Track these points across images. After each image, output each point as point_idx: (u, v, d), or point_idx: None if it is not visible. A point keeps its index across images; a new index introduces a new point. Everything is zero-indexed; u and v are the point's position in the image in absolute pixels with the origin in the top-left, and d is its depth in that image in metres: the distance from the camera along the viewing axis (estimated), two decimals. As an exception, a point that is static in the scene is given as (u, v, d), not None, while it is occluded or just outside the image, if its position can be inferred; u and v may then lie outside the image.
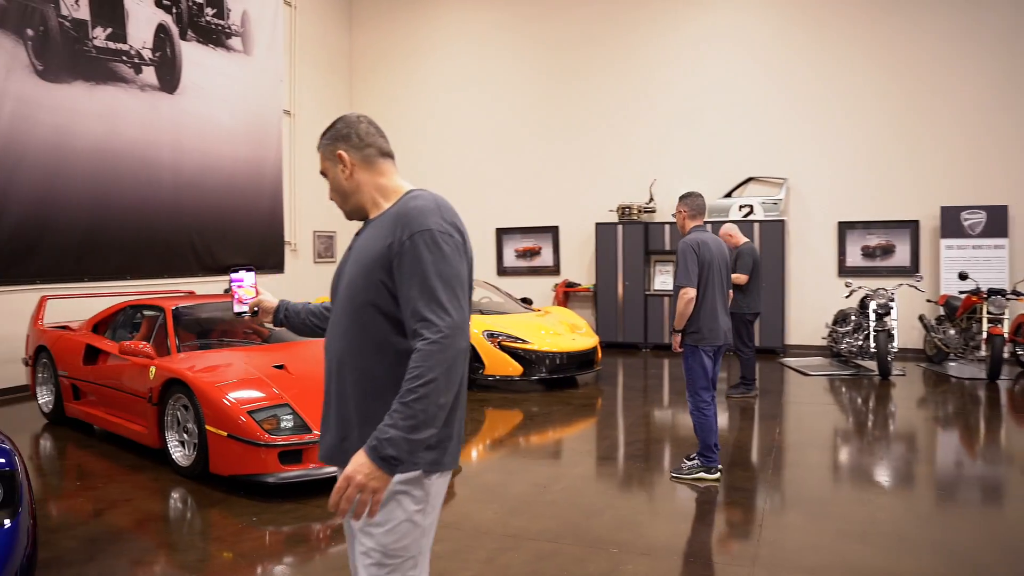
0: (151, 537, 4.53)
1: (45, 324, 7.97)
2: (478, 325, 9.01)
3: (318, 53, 13.89)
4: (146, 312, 7.12)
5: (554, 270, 12.92)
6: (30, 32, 9.00)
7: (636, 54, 12.47)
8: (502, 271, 13.32)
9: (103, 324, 7.41)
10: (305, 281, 13.44)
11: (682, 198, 5.59)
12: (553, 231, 12.97)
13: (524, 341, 8.85)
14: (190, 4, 11.06)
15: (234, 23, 11.81)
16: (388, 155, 2.27)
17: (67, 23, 9.39)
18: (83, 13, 9.56)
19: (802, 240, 11.69)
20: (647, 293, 12.06)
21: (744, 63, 11.87)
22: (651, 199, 12.23)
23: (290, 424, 5.21)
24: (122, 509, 4.96)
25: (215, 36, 11.50)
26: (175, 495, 5.30)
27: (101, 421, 6.74)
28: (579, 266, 12.81)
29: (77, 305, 8.54)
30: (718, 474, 5.36)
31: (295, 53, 13.27)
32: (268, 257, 12.67)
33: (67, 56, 9.40)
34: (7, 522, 3.12)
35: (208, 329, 7.02)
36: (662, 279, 12.20)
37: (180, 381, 5.63)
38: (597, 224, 12.38)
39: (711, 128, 12.10)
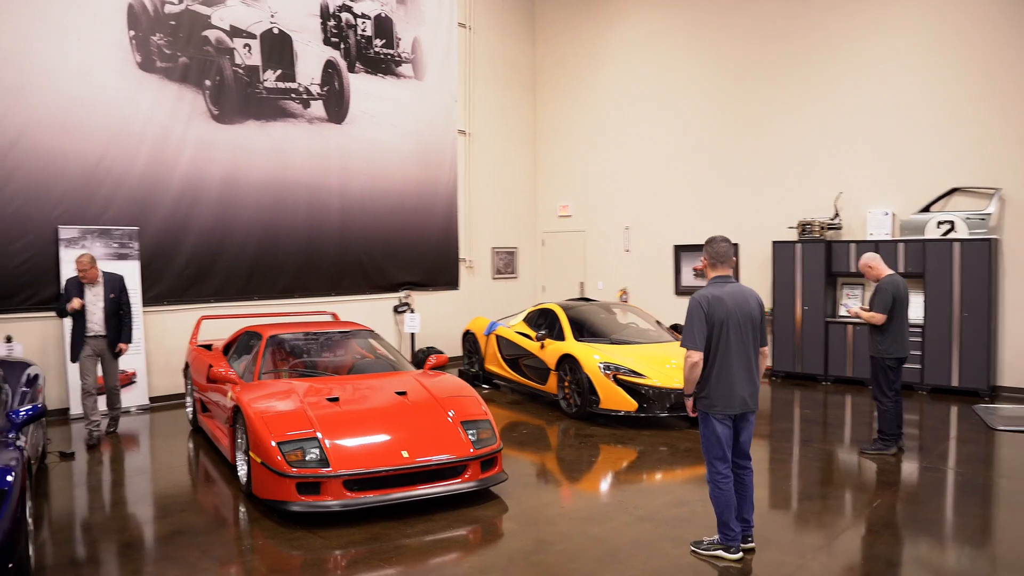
0: (165, 543, 5.46)
1: (197, 342, 9.56)
2: (594, 356, 9.11)
3: (497, 70, 14.69)
4: (254, 337, 8.30)
5: (730, 291, 12.45)
6: (208, 82, 10.78)
7: (819, 56, 11.59)
8: (680, 291, 13.12)
9: (231, 346, 8.74)
10: (483, 297, 14.31)
11: (705, 244, 5.36)
12: (733, 249, 12.51)
13: (640, 375, 8.79)
14: (358, 38, 12.39)
15: (404, 51, 12.98)
16: None
17: (240, 70, 11.07)
18: (255, 59, 11.20)
19: (1020, 261, 10.15)
20: (828, 320, 11.21)
21: (946, 56, 10.53)
22: (836, 214, 11.33)
23: (315, 457, 5.89)
24: (173, 515, 6.03)
25: (384, 65, 12.74)
26: (222, 510, 6.26)
27: (211, 434, 8.01)
28: (759, 287, 12.21)
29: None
30: (739, 554, 5.06)
31: (471, 73, 14.19)
32: (441, 274, 13.73)
33: (240, 99, 11.08)
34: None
35: (300, 356, 8.00)
36: (847, 304, 11.27)
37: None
38: (774, 243, 11.75)
39: (906, 132, 10.89)
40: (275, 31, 11.35)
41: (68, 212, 9.73)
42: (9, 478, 4.53)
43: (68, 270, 9.51)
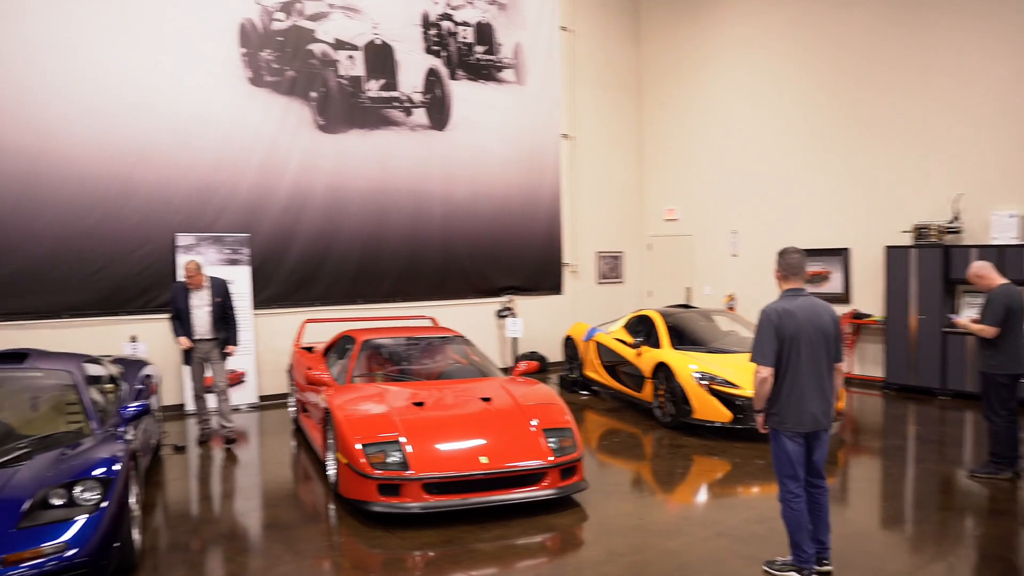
0: (254, 535, 5.82)
1: (301, 344, 10.05)
2: (689, 364, 9.01)
3: (600, 73, 14.69)
4: (350, 342, 8.66)
5: (843, 298, 11.99)
6: (313, 94, 11.30)
7: (939, 47, 10.98)
8: (788, 296, 12.75)
9: (330, 349, 9.15)
10: (588, 302, 14.35)
11: (777, 255, 5.23)
12: (843, 254, 12.05)
13: (736, 386, 8.62)
14: (460, 46, 12.69)
15: (506, 56, 13.19)
16: None
17: (344, 81, 11.55)
18: (358, 70, 11.66)
19: None
20: (945, 329, 10.64)
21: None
22: (955, 217, 10.72)
23: (396, 460, 6.13)
24: (267, 509, 6.42)
25: (486, 71, 12.99)
26: (312, 507, 6.60)
27: (308, 434, 8.42)
28: (873, 294, 11.73)
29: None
30: (812, 577, 4.97)
31: (574, 77, 14.25)
32: (545, 279, 13.86)
33: (344, 109, 11.56)
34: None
35: (391, 361, 8.29)
36: (968, 313, 10.65)
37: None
38: (887, 247, 11.24)
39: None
40: (378, 42, 11.78)
41: (185, 221, 10.42)
42: (116, 467, 4.99)
43: (182, 275, 10.21)
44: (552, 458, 6.31)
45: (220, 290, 8.63)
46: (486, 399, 7.02)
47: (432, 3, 12.38)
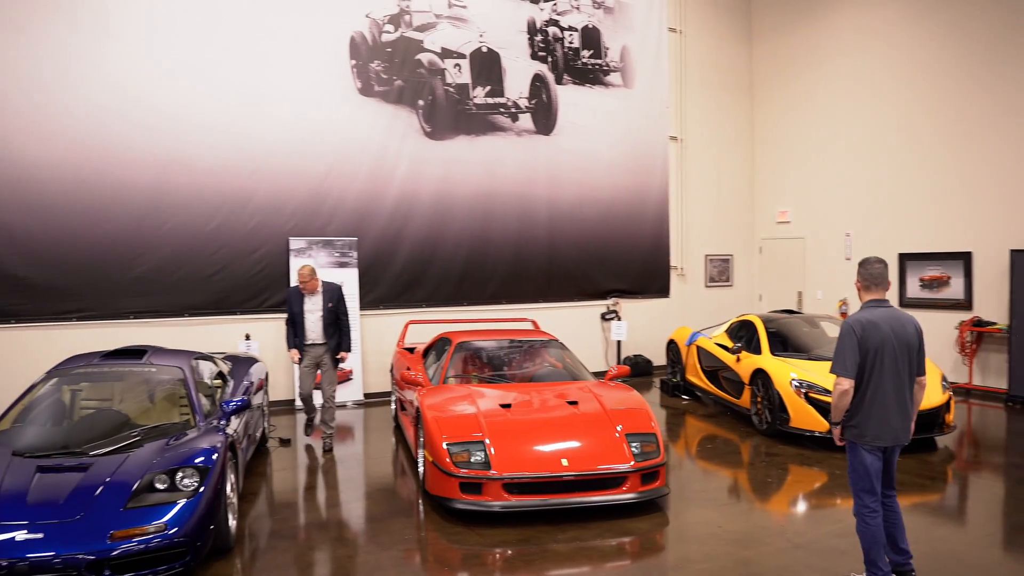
0: (342, 526, 6.18)
1: (404, 345, 10.46)
2: (787, 372, 8.85)
3: (710, 74, 14.51)
4: (447, 343, 8.95)
5: (964, 304, 11.40)
6: (421, 102, 11.72)
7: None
8: (904, 302, 12.21)
9: (430, 350, 9.49)
10: (695, 305, 14.21)
11: (859, 265, 5.14)
12: (965, 258, 11.45)
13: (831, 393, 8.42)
14: (566, 51, 12.85)
15: (612, 60, 13.25)
16: None
17: (451, 89, 11.92)
18: (465, 78, 12.01)
19: None
20: (1079, 340, 9.97)
21: None
22: (1092, 217, 10.06)
23: (479, 460, 6.36)
24: (358, 501, 6.78)
25: (592, 76, 13.09)
26: (401, 501, 6.91)
27: (405, 431, 8.76)
28: (997, 301, 11.10)
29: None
30: (886, 594, 4.86)
31: (683, 78, 14.14)
32: (652, 282, 13.83)
33: (451, 116, 11.93)
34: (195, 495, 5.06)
35: (484, 363, 8.53)
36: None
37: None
38: (1013, 251, 10.63)
39: None
40: (484, 49, 12.09)
41: (298, 225, 11.03)
42: (214, 456, 5.44)
43: (293, 278, 10.82)
44: (633, 463, 6.38)
45: (333, 295, 8.51)
46: (572, 403, 7.15)
47: (538, 10, 12.60)
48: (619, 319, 13.10)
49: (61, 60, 9.77)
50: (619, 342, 13.11)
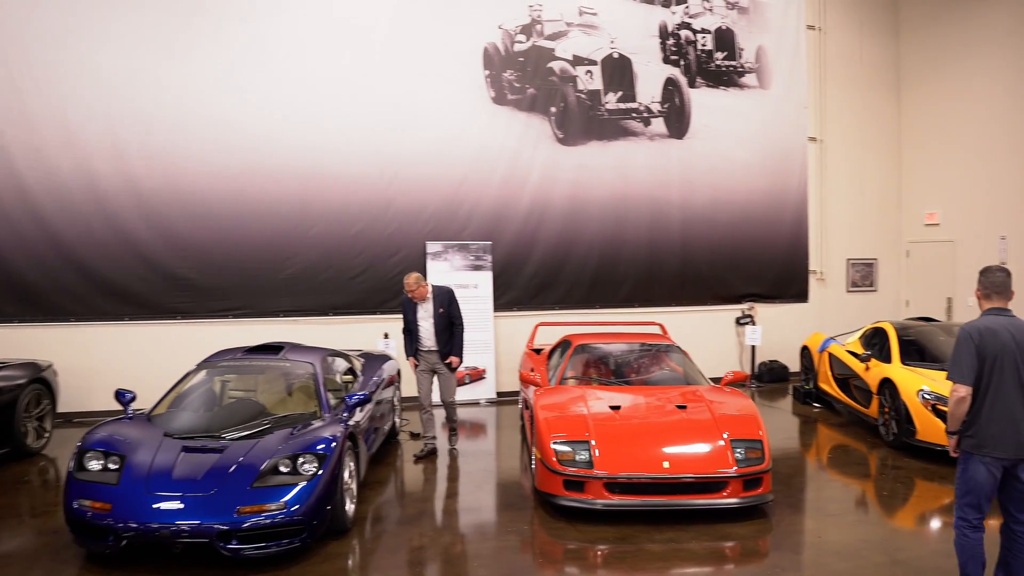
0: (451, 515, 6.60)
1: (533, 346, 10.81)
2: (915, 382, 8.53)
3: (852, 72, 13.95)
4: (563, 346, 9.22)
5: None
6: (553, 109, 12.06)
7: None
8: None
9: (555, 351, 9.78)
10: (836, 311, 13.76)
11: (980, 273, 4.99)
12: None
13: (954, 402, 8.05)
14: (699, 53, 12.80)
15: (747, 61, 13.06)
16: None
17: (583, 95, 12.17)
18: (596, 84, 12.22)
19: None
20: None
21: None
22: None
23: (584, 459, 6.60)
24: (471, 494, 7.24)
25: (726, 78, 12.97)
26: (512, 496, 7.27)
27: (527, 429, 9.09)
28: None
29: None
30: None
31: (822, 76, 13.71)
32: (788, 286, 13.52)
33: (583, 122, 12.18)
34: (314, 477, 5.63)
35: (601, 365, 8.74)
36: None
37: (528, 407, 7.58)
38: None
39: None
40: (615, 55, 12.27)
41: (434, 230, 11.63)
42: (332, 445, 5.98)
43: (435, 280, 11.38)
44: (736, 468, 6.43)
45: (443, 300, 8.48)
46: (682, 407, 7.25)
47: (670, 13, 12.63)
48: (754, 324, 12.92)
49: (220, 85, 10.84)
50: (753, 347, 12.92)
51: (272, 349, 7.68)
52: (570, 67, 12.13)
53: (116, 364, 10.20)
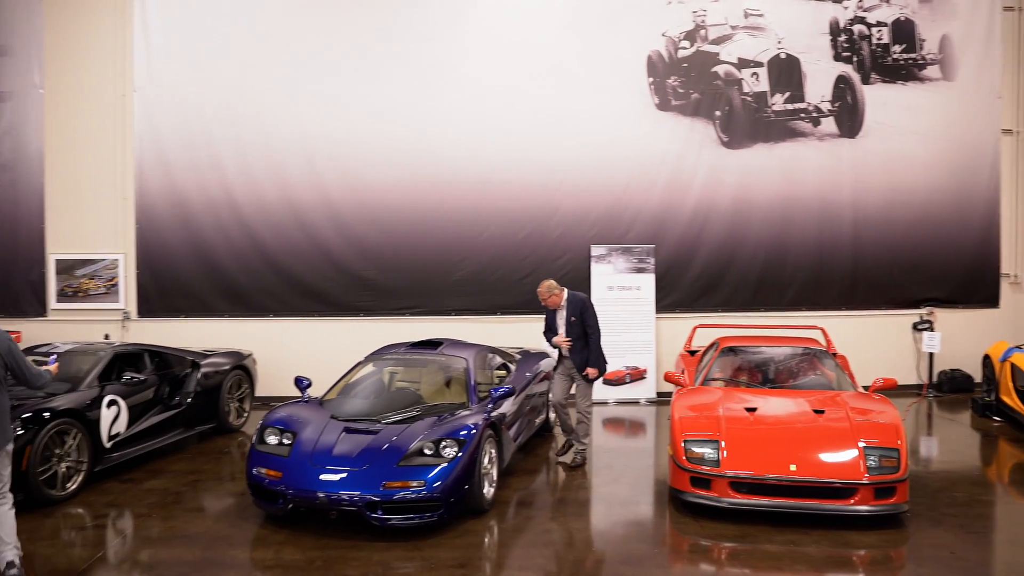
0: (579, 504, 7.08)
1: (690, 348, 11.02)
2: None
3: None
4: (713, 347, 9.40)
5: None
6: (718, 113, 12.17)
7: None
8: None
9: (706, 353, 9.98)
10: (1032, 316, 12.89)
11: None
12: None
13: None
14: (874, 48, 12.39)
15: (929, 52, 12.48)
16: None
17: (748, 97, 12.19)
18: (762, 86, 12.20)
19: None
20: None
21: None
22: None
23: (712, 457, 6.88)
24: (606, 487, 7.68)
25: (904, 72, 12.46)
26: (645, 493, 7.65)
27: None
28: None
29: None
30: None
31: (1022, 63, 12.83)
32: (976, 291, 12.77)
33: (748, 125, 12.20)
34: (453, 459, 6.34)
35: (745, 367, 8.85)
36: None
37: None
38: None
39: None
40: (782, 56, 12.18)
41: (599, 234, 12.10)
42: (472, 432, 6.64)
43: (598, 282, 11.94)
44: (867, 476, 6.43)
45: (576, 309, 8.28)
46: (819, 411, 7.30)
47: (841, 9, 12.34)
48: (932, 330, 12.35)
49: (400, 104, 11.95)
50: (931, 355, 12.35)
51: (432, 344, 8.52)
52: (735, 70, 12.19)
53: (305, 354, 11.45)
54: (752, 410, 7.37)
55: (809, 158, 12.31)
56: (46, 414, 7.03)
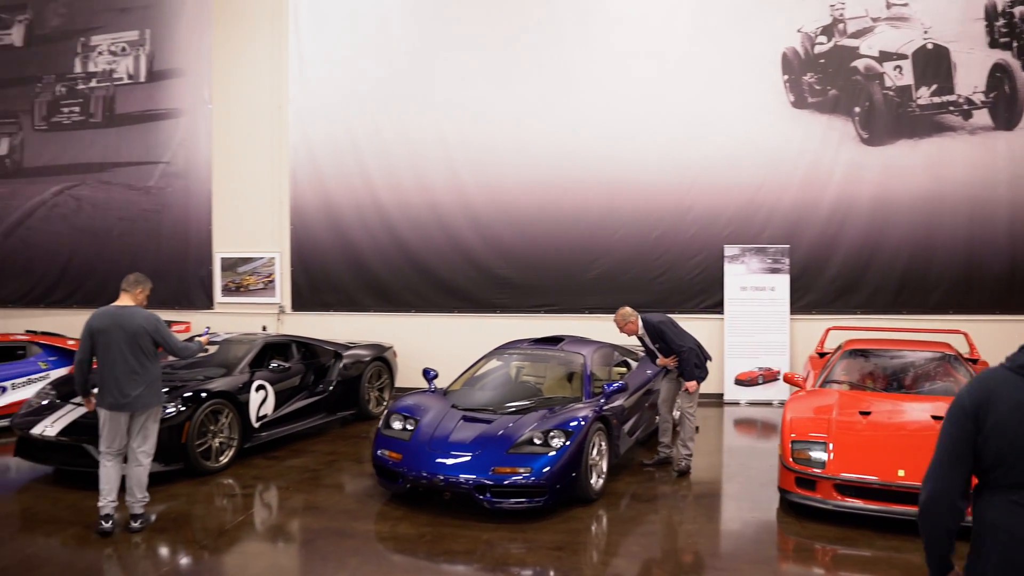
0: (676, 499, 7.27)
1: (822, 350, 10.85)
2: None
3: None
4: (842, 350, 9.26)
5: None
6: (857, 109, 11.87)
7: None
8: None
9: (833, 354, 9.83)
10: None
11: None
12: None
13: None
14: (1036, 33, 11.70)
15: (1100, 36, 11.65)
16: None
17: (891, 92, 11.81)
18: (906, 79, 11.78)
19: None
20: None
21: None
22: None
23: (818, 459, 6.86)
24: (707, 483, 7.80)
25: (1073, 55, 11.70)
26: (752, 489, 7.74)
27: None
28: None
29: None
30: None
31: None
32: None
33: (890, 120, 11.81)
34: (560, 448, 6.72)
35: (871, 370, 8.68)
36: None
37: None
38: None
39: None
40: (929, 46, 11.70)
41: (732, 234, 12.09)
42: (581, 424, 6.97)
43: (731, 282, 11.96)
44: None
45: (654, 334, 8.15)
46: (938, 418, 7.12)
47: (998, -8, 11.75)
48: (1101, 335, 11.52)
49: (533, 109, 12.45)
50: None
51: (554, 341, 8.92)
52: (876, 64, 11.84)
53: (442, 349, 12.09)
54: (866, 414, 7.29)
55: (958, 153, 11.76)
56: (203, 394, 7.95)
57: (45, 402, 8.19)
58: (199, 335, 7.23)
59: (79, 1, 14.32)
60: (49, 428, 7.63)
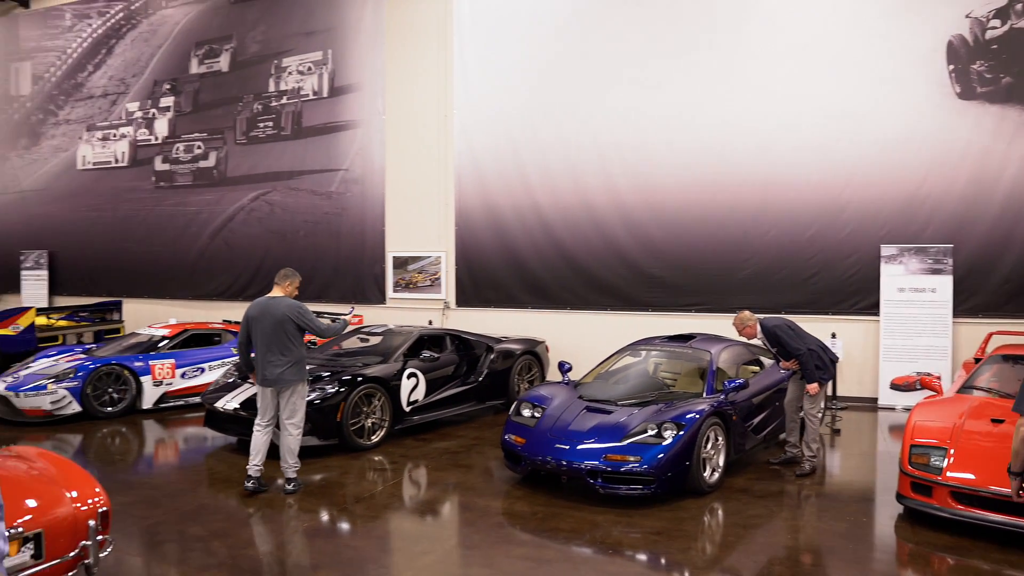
0: (756, 496, 7.44)
1: (984, 355, 10.42)
2: None
3: None
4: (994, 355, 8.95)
5: None
6: (1039, 99, 11.29)
7: None
8: None
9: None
10: None
11: None
12: None
13: None
14: None
15: None
16: None
17: (1072, 79, 11.12)
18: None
19: None
20: None
21: None
22: None
23: (936, 464, 6.81)
24: (791, 481, 7.92)
25: None
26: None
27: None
28: None
29: None
30: None
31: None
32: None
33: (1072, 110, 11.14)
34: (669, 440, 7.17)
35: (1016, 377, 8.33)
36: None
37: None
38: None
39: None
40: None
41: (890, 233, 11.82)
42: (694, 418, 7.33)
43: (888, 283, 11.72)
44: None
45: (772, 339, 8.35)
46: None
47: None
48: None
49: (683, 111, 12.75)
50: None
51: (684, 338, 9.29)
52: (1056, 49, 11.21)
53: (592, 344, 12.57)
54: (999, 422, 7.14)
55: None
56: (359, 379, 9.01)
57: (229, 380, 9.60)
58: (344, 314, 8.28)
59: (273, 28, 16.15)
60: (230, 403, 9.01)
